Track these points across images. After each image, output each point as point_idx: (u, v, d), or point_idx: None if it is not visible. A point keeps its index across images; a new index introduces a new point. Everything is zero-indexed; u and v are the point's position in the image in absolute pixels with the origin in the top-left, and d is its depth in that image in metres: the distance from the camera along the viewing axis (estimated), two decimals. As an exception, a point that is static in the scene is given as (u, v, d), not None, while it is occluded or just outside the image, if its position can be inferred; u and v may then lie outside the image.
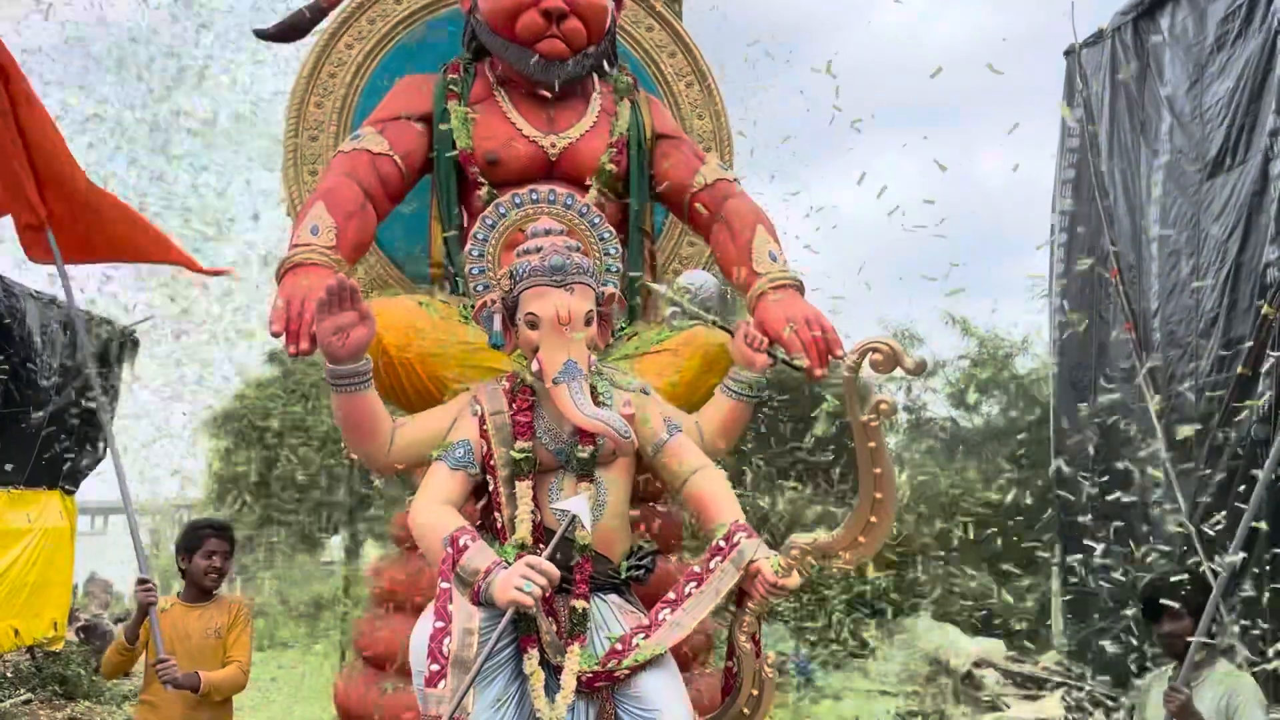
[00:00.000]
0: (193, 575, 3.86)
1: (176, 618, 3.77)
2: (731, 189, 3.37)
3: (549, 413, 2.65)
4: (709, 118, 4.09)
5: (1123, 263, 7.07)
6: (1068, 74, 7.99)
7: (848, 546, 2.53)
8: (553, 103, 3.38)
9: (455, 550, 2.43)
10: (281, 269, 2.89)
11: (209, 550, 3.86)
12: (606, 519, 2.67)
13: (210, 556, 3.85)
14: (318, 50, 3.88)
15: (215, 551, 3.87)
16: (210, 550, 3.86)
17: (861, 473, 2.53)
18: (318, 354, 2.61)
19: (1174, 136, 6.72)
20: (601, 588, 2.65)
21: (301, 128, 3.83)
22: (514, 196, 2.87)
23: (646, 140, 3.44)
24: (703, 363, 3.02)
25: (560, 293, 2.58)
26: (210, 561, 3.85)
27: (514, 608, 2.35)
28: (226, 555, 3.90)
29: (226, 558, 3.90)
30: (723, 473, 2.76)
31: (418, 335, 2.86)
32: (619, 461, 2.71)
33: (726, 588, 2.55)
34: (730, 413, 2.90)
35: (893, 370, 2.36)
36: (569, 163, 3.31)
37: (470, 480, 2.64)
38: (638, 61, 4.06)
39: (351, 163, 3.19)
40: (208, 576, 3.86)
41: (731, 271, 3.23)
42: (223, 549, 3.88)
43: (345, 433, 2.65)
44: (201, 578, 3.85)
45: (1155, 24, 7.05)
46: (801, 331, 2.87)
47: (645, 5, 4.19)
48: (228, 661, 3.75)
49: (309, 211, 3.02)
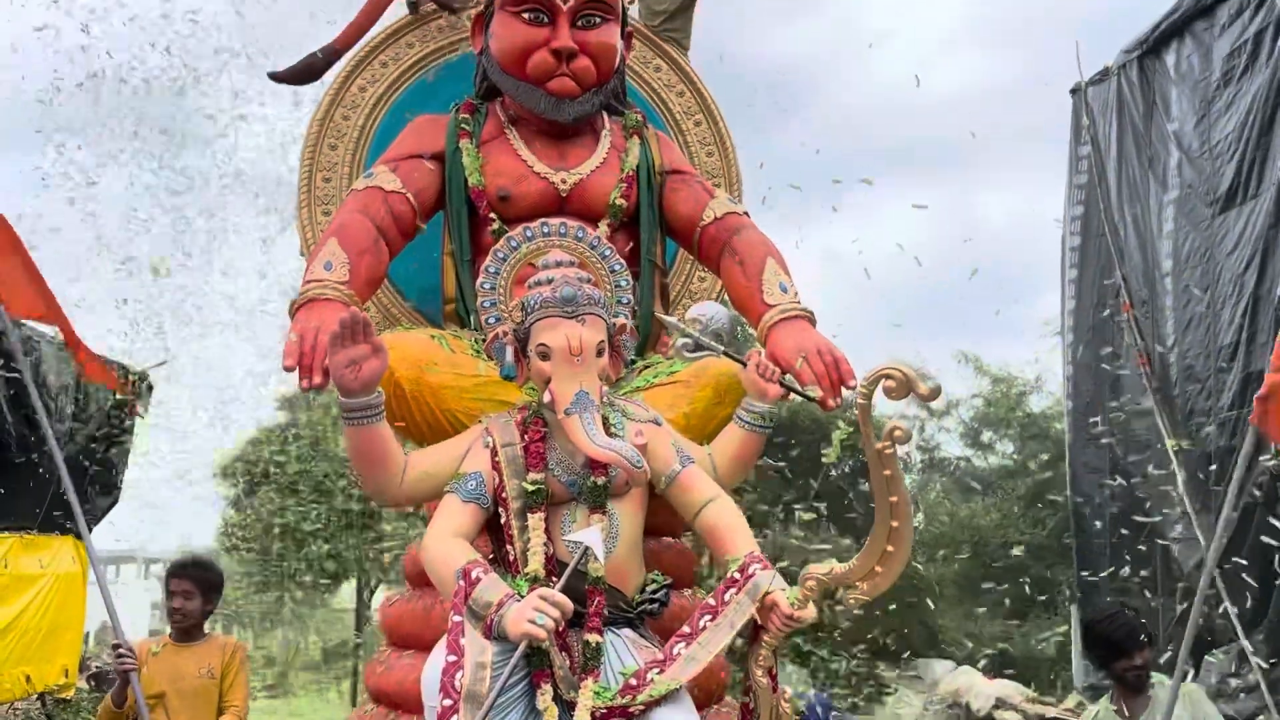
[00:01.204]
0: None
1: (167, 659, 3.73)
2: (741, 222, 3.39)
3: (561, 444, 2.65)
4: (718, 154, 4.13)
5: (1135, 298, 7.06)
6: (1074, 112, 8.04)
7: (865, 577, 2.50)
8: (563, 140, 3.42)
9: (467, 583, 2.41)
10: (295, 305, 2.91)
11: (170, 591, 3.82)
12: (620, 551, 2.65)
13: (172, 598, 3.80)
14: (332, 93, 3.95)
15: (175, 592, 3.80)
16: (171, 591, 3.81)
17: (877, 501, 2.50)
18: (329, 391, 2.62)
19: (1183, 171, 6.74)
20: (615, 622, 2.62)
21: (315, 169, 3.88)
22: (525, 229, 2.87)
23: (656, 175, 3.47)
24: (714, 394, 3.01)
25: (572, 324, 2.58)
26: (172, 603, 3.80)
27: (527, 641, 2.32)
28: (188, 595, 3.79)
29: (188, 597, 3.79)
30: (735, 504, 2.74)
31: (430, 368, 2.86)
32: (632, 493, 2.70)
33: (742, 621, 2.52)
34: (743, 444, 2.89)
35: (907, 396, 2.34)
36: (580, 198, 3.34)
37: (482, 513, 2.63)
38: (646, 100, 4.10)
39: (365, 200, 3.22)
40: (173, 618, 3.81)
41: (742, 304, 3.23)
42: (182, 588, 3.79)
43: (357, 465, 2.65)
44: (169, 619, 3.82)
45: (1161, 61, 7.10)
46: (813, 362, 2.87)
47: (653, 46, 4.25)
48: (225, 707, 3.69)
49: (322, 248, 3.05)
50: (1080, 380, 7.95)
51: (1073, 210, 7.97)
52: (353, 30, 4.00)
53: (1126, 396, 7.09)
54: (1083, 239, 7.86)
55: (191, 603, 3.80)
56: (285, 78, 4.01)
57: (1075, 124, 8.02)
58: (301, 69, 4.01)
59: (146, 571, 29.74)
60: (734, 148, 4.17)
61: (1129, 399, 7.07)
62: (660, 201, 3.47)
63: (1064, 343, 8.26)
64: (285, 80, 4.02)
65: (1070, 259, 8.00)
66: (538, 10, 3.28)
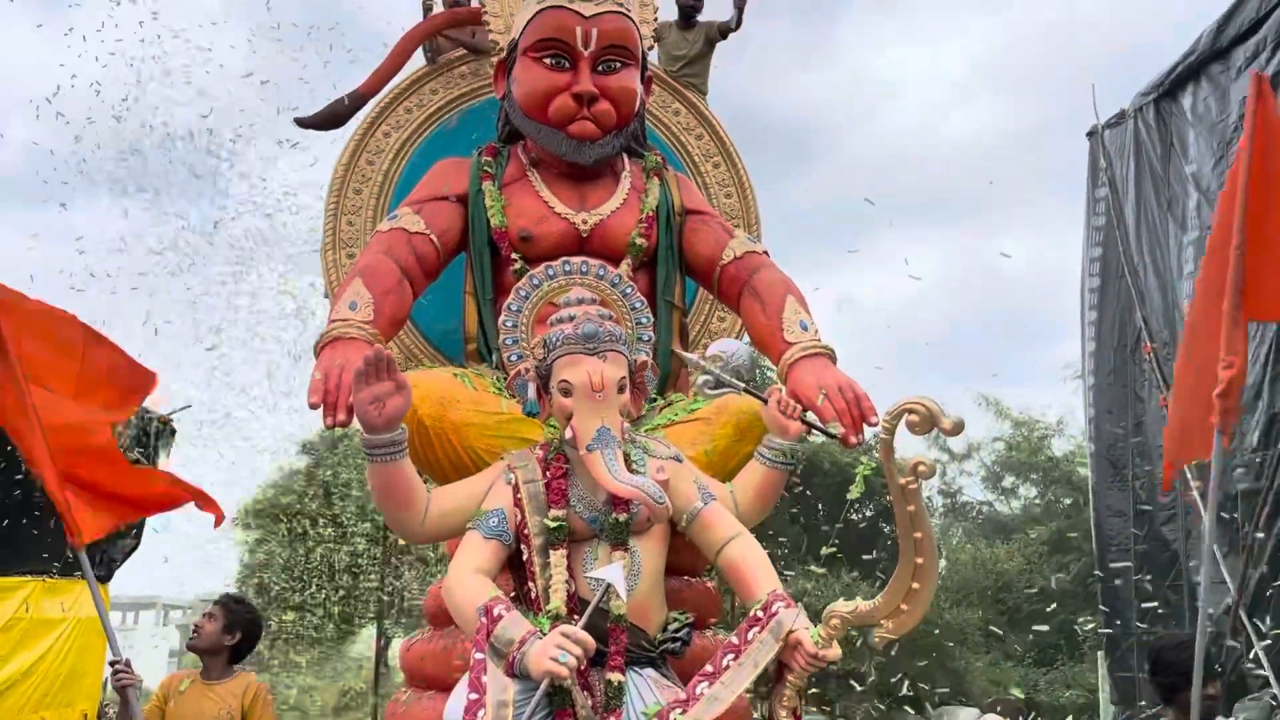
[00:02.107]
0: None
1: (192, 698, 3.75)
2: (761, 261, 3.41)
3: (583, 481, 2.65)
4: (736, 196, 4.17)
5: (1156, 339, 7.03)
6: (1091, 155, 8.08)
7: (890, 614, 2.47)
8: (584, 182, 3.47)
9: (489, 620, 2.41)
10: (320, 343, 2.94)
11: (203, 612, 3.90)
12: (642, 589, 2.64)
13: (204, 616, 3.88)
14: (357, 138, 4.02)
15: (208, 613, 3.87)
16: (206, 612, 3.89)
17: (901, 537, 2.49)
18: (353, 427, 2.64)
19: (1202, 212, 6.74)
20: (637, 660, 2.60)
21: (340, 212, 3.94)
22: (547, 268, 2.90)
23: (676, 215, 3.51)
24: (736, 431, 3.01)
25: (593, 360, 2.60)
26: (196, 620, 3.90)
27: (549, 679, 2.31)
28: (211, 617, 3.84)
29: (210, 619, 3.83)
30: (757, 542, 2.72)
31: (452, 405, 2.87)
32: (654, 530, 2.69)
33: (766, 659, 2.49)
34: (765, 481, 2.88)
35: (930, 431, 2.33)
36: (600, 238, 3.37)
37: (504, 549, 2.63)
38: (666, 143, 4.16)
39: (389, 241, 3.26)
40: (190, 635, 3.89)
41: (763, 342, 3.24)
42: (208, 610, 3.87)
43: (380, 502, 2.66)
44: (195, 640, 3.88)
45: (1177, 104, 7.13)
46: (835, 399, 2.86)
47: (672, 90, 4.31)
48: None
49: (347, 288, 3.08)
50: (1102, 422, 7.90)
51: (1091, 252, 7.97)
52: (378, 76, 4.09)
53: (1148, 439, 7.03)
54: (1102, 280, 7.85)
55: (211, 624, 3.82)
56: (312, 123, 4.10)
57: (1092, 167, 8.05)
58: (327, 115, 4.10)
59: (165, 618, 29.67)
60: (753, 189, 4.21)
61: (1153, 441, 7.01)
62: (680, 241, 3.50)
63: (1085, 385, 8.22)
64: (312, 126, 4.10)
65: (1090, 300, 7.99)
66: (559, 56, 3.34)
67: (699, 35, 4.77)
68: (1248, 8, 6.51)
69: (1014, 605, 14.44)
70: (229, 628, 3.83)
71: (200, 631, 3.84)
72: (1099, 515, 8.04)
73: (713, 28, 4.74)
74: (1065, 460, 16.31)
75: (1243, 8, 6.55)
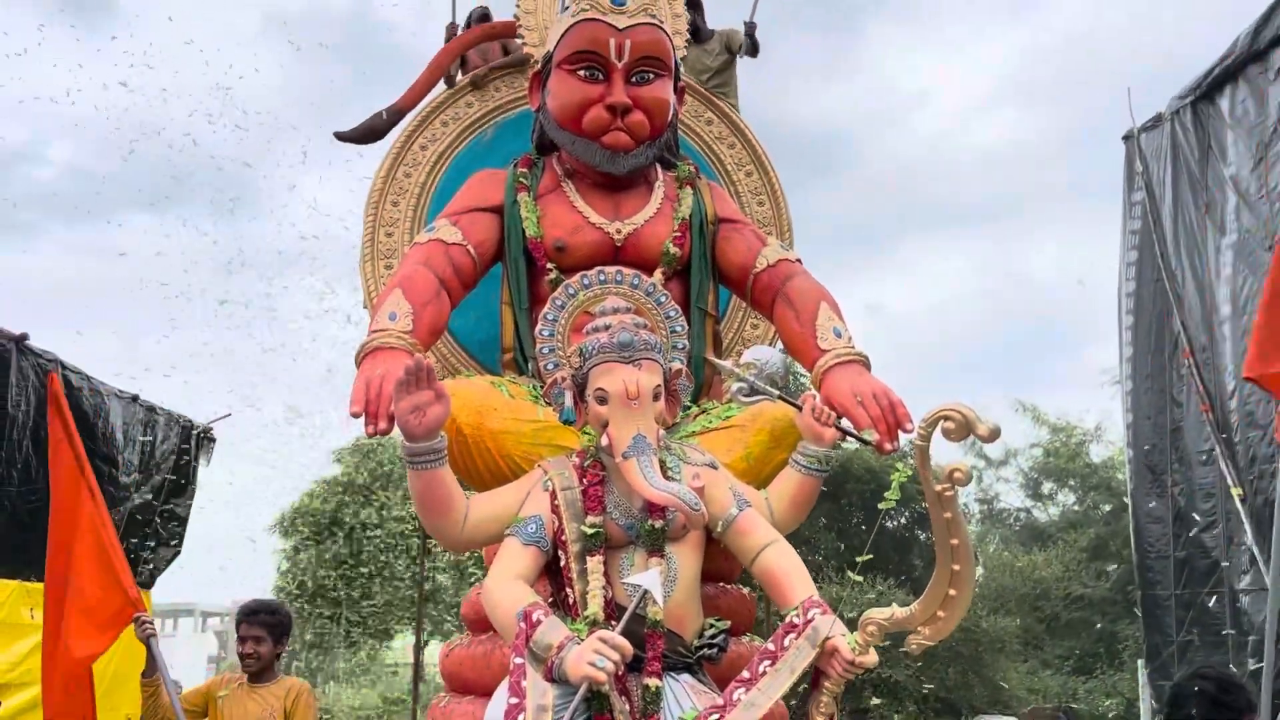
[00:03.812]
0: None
1: (236, 700, 3.86)
2: (794, 268, 3.42)
3: (619, 488, 2.68)
4: (769, 204, 4.19)
5: (1195, 344, 6.94)
6: (1127, 158, 7.99)
7: (927, 621, 2.47)
8: (618, 192, 3.50)
9: (528, 625, 2.43)
10: (361, 353, 2.99)
11: (240, 636, 3.98)
12: (678, 595, 2.66)
13: (243, 643, 3.95)
14: (394, 151, 4.08)
15: (245, 637, 3.95)
16: (241, 636, 3.96)
17: (938, 545, 2.48)
18: (394, 435, 2.68)
19: (1241, 216, 6.65)
20: (674, 667, 2.62)
21: (378, 224, 4.00)
22: (583, 278, 2.93)
23: (709, 224, 3.53)
24: (770, 438, 3.02)
25: (629, 368, 2.63)
26: (243, 647, 3.95)
27: (587, 684, 2.33)
28: (259, 640, 3.92)
29: (259, 642, 3.92)
30: (792, 548, 2.74)
31: (491, 414, 2.91)
32: (690, 536, 2.71)
33: (802, 666, 2.49)
34: (800, 487, 2.89)
35: (966, 437, 2.33)
36: (634, 248, 3.40)
37: (542, 556, 2.66)
38: (698, 152, 4.18)
39: (427, 253, 3.31)
40: (245, 663, 3.95)
41: (797, 349, 3.25)
42: (252, 634, 3.94)
43: (420, 510, 2.70)
44: (241, 664, 3.96)
45: (1215, 106, 7.05)
46: (869, 405, 2.87)
47: (705, 100, 4.34)
48: None
49: (387, 298, 3.14)
50: (1140, 428, 7.80)
51: (1128, 256, 7.88)
52: (415, 90, 4.16)
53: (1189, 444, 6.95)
54: (1138, 285, 7.76)
55: (262, 647, 3.94)
56: (350, 137, 4.17)
57: (1128, 170, 7.96)
58: (365, 129, 4.17)
59: (203, 625, 30.00)
60: (784, 196, 4.23)
61: (1191, 447, 6.92)
62: (713, 250, 3.53)
63: (1123, 390, 8.12)
64: (350, 140, 4.17)
65: (1126, 305, 7.90)
66: (593, 68, 3.38)
67: (718, 45, 4.80)
68: (1286, 9, 6.44)
69: (1052, 613, 14.28)
70: (277, 640, 3.96)
71: (257, 655, 3.93)
72: (1138, 521, 7.94)
73: (729, 37, 4.77)
74: (1104, 466, 16.12)
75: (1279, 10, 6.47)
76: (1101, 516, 15.37)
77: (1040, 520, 16.89)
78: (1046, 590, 13.76)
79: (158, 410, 7.49)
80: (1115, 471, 14.99)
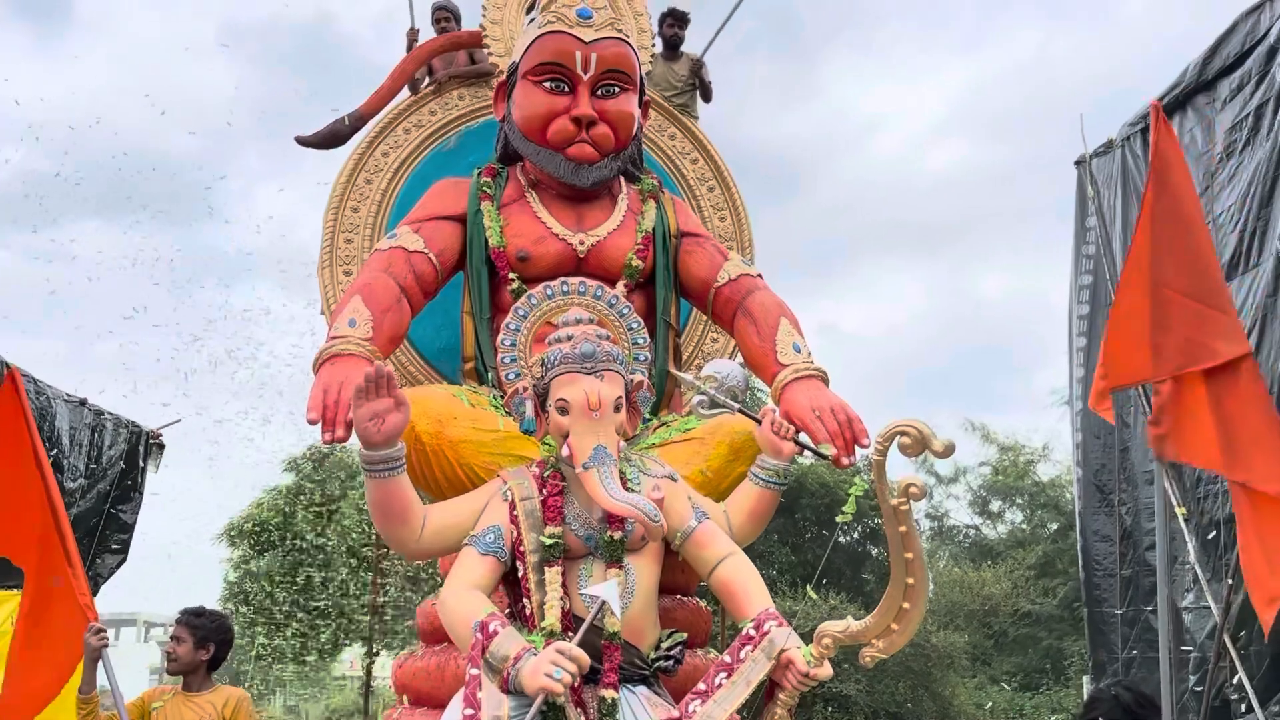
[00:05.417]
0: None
1: (173, 709, 3.76)
2: (755, 283, 3.45)
3: (579, 498, 2.68)
4: (730, 219, 4.22)
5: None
6: (1079, 183, 8.16)
7: (881, 634, 2.50)
8: (581, 203, 3.51)
9: (485, 636, 2.42)
10: (319, 360, 2.96)
11: (171, 635, 3.91)
12: (635, 606, 2.66)
13: (172, 640, 3.88)
14: (356, 157, 4.06)
15: (175, 636, 3.86)
16: (173, 635, 3.89)
17: (893, 558, 2.51)
18: (350, 444, 2.66)
19: (1187, 241, 6.81)
20: (630, 678, 2.62)
21: (338, 230, 3.97)
22: (545, 288, 2.94)
23: (671, 238, 3.55)
24: (729, 451, 3.04)
25: (591, 379, 2.63)
26: (166, 647, 3.91)
27: (543, 695, 2.33)
28: (179, 640, 3.83)
29: (179, 642, 3.83)
30: (750, 561, 2.75)
31: (450, 423, 2.90)
32: (648, 548, 2.72)
33: (758, 678, 2.51)
34: (758, 500, 2.91)
35: (922, 453, 2.36)
36: (597, 259, 3.41)
37: (500, 566, 2.65)
38: (662, 167, 4.21)
39: (388, 260, 3.29)
40: (167, 663, 3.89)
41: (757, 363, 3.28)
42: (174, 634, 3.87)
43: (377, 518, 2.68)
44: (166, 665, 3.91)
45: (1163, 134, 7.22)
46: (827, 420, 2.91)
47: (668, 115, 4.37)
48: None
49: (346, 305, 3.11)
50: (1090, 448, 7.94)
51: (1081, 280, 8.03)
52: (378, 97, 4.14)
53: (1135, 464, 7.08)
54: (1091, 308, 7.91)
55: (181, 647, 3.83)
56: (312, 142, 4.14)
57: (1080, 195, 8.12)
58: (327, 134, 4.14)
59: (146, 635, 29.40)
60: (746, 212, 4.26)
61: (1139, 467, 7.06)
62: (675, 263, 3.55)
63: (1073, 410, 8.27)
64: (311, 144, 4.14)
65: (1079, 327, 8.05)
66: (559, 80, 3.39)
67: (685, 68, 4.85)
68: (1233, 41, 6.62)
69: (1000, 629, 14.46)
70: (201, 643, 3.84)
71: (175, 656, 3.84)
72: (1085, 539, 8.07)
73: (698, 64, 4.82)
74: (1051, 485, 16.38)
75: (1228, 41, 6.66)
76: (1049, 534, 15.61)
77: (989, 537, 17.11)
78: (995, 606, 13.93)
79: (106, 415, 7.34)
80: (1063, 490, 15.23)
